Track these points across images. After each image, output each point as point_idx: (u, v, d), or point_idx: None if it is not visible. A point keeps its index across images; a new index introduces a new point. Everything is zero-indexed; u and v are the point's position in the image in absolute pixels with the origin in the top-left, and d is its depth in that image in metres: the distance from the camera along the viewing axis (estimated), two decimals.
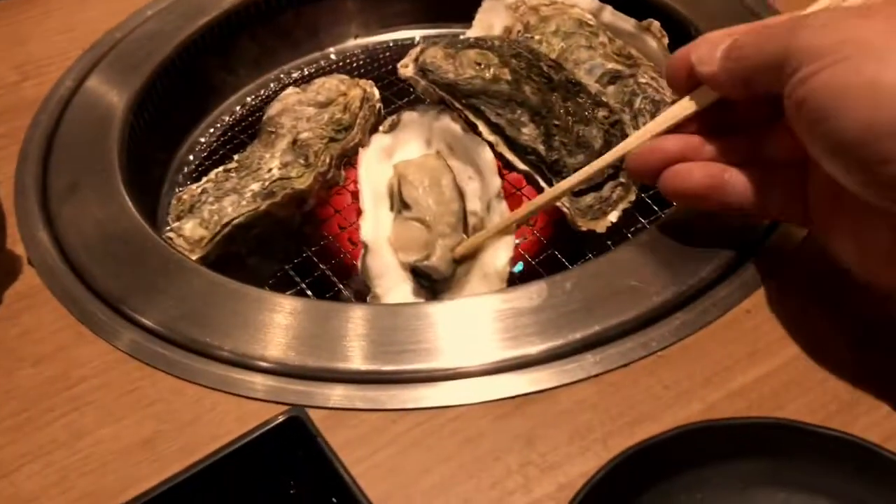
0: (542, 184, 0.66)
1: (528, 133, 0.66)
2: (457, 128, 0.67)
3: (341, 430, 0.50)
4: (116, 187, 0.67)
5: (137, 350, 0.56)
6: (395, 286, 0.62)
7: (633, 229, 0.68)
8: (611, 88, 0.73)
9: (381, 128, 0.69)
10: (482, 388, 0.53)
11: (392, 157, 0.68)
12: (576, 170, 0.62)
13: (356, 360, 0.54)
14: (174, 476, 0.44)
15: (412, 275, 0.62)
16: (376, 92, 0.74)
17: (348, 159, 0.70)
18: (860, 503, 0.44)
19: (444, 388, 0.53)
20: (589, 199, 0.66)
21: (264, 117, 0.72)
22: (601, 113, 0.68)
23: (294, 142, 0.69)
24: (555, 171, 0.66)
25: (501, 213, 0.64)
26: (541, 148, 0.66)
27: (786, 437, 0.46)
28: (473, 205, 0.65)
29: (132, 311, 0.58)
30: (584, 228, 0.64)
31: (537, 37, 0.75)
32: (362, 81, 0.74)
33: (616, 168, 0.65)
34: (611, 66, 0.73)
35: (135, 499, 0.43)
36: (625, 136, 0.67)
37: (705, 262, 0.57)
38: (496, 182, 0.65)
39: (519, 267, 0.68)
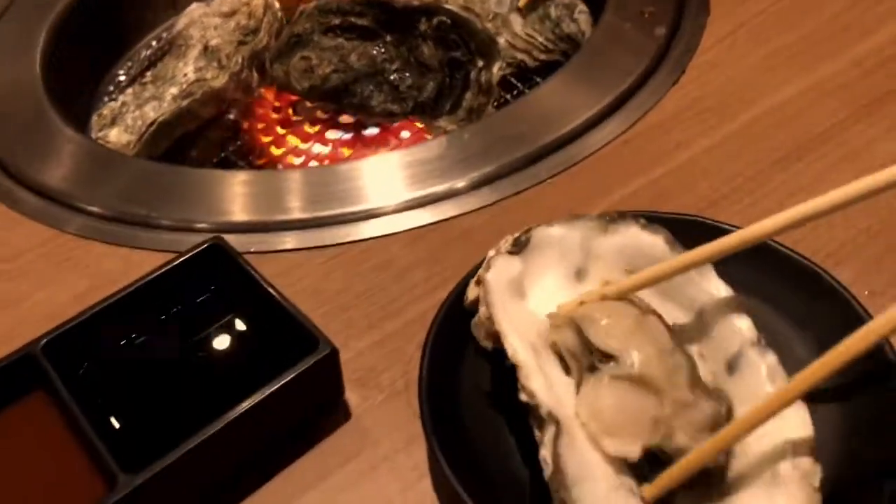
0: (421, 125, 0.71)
1: (378, 99, 0.71)
2: (658, 244, 0.44)
3: (267, 266, 0.54)
4: (43, 107, 0.71)
5: (73, 227, 0.60)
6: (607, 496, 0.37)
7: (515, 92, 0.74)
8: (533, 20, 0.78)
9: (502, 245, 0.46)
10: (393, 223, 0.58)
11: (525, 295, 0.45)
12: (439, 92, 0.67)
13: (286, 212, 0.59)
14: (99, 302, 0.48)
15: (642, 470, 0.39)
16: (276, 2, 0.78)
17: (260, 62, 0.75)
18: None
19: (360, 227, 0.58)
20: None
21: (173, 33, 0.77)
22: (423, 27, 0.72)
23: (205, 48, 0.73)
24: (426, 110, 0.71)
25: (757, 376, 0.41)
26: (394, 107, 0.71)
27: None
28: (700, 372, 0.41)
29: (65, 196, 0.62)
30: None
31: None
32: None
33: None
34: None
35: (77, 315, 0.47)
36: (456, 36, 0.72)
37: (587, 108, 0.64)
38: (742, 330, 0.42)
39: None
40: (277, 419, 0.45)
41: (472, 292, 0.45)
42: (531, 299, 0.45)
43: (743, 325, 0.42)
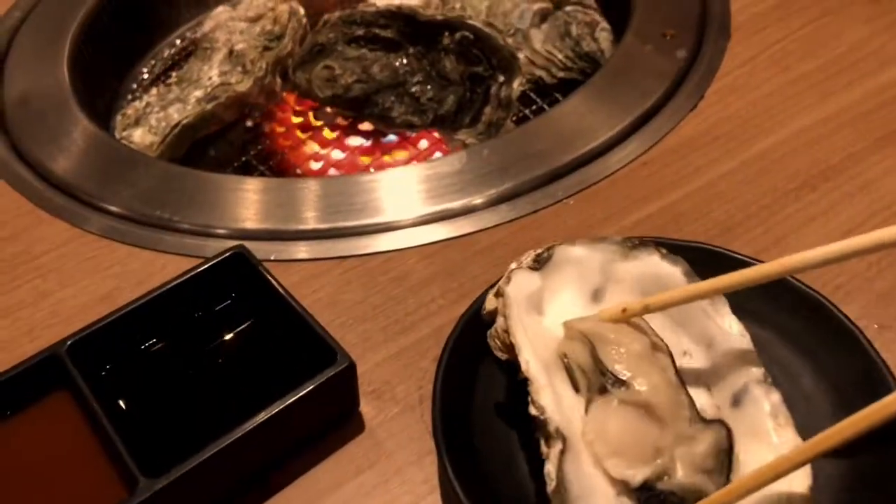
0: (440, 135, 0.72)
1: (398, 111, 0.72)
2: (676, 275, 0.45)
3: (285, 275, 0.55)
4: (69, 106, 0.72)
5: (96, 227, 0.61)
6: None
7: (534, 107, 0.75)
8: (544, 26, 0.79)
9: (524, 260, 0.47)
10: (411, 236, 0.59)
11: (543, 312, 0.46)
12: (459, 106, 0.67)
13: (304, 222, 0.60)
14: (125, 306, 0.49)
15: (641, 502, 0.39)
16: (301, 9, 0.79)
17: (283, 68, 0.76)
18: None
19: (378, 239, 0.59)
20: None
21: (198, 35, 0.78)
22: (446, 41, 0.73)
23: (230, 53, 0.75)
24: (446, 122, 0.72)
25: (760, 412, 0.41)
26: (415, 119, 0.72)
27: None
28: (704, 402, 0.43)
29: (89, 196, 0.63)
30: None
31: (458, 4, 0.80)
32: None
33: None
34: (537, 6, 0.79)
35: (102, 318, 0.48)
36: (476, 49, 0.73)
37: (607, 129, 0.65)
38: (750, 364, 0.43)
39: None
40: (294, 429, 0.46)
41: (490, 303, 0.46)
42: (548, 316, 0.46)
43: (751, 362, 0.42)
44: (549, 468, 0.38)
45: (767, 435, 0.40)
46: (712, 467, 0.39)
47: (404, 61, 0.72)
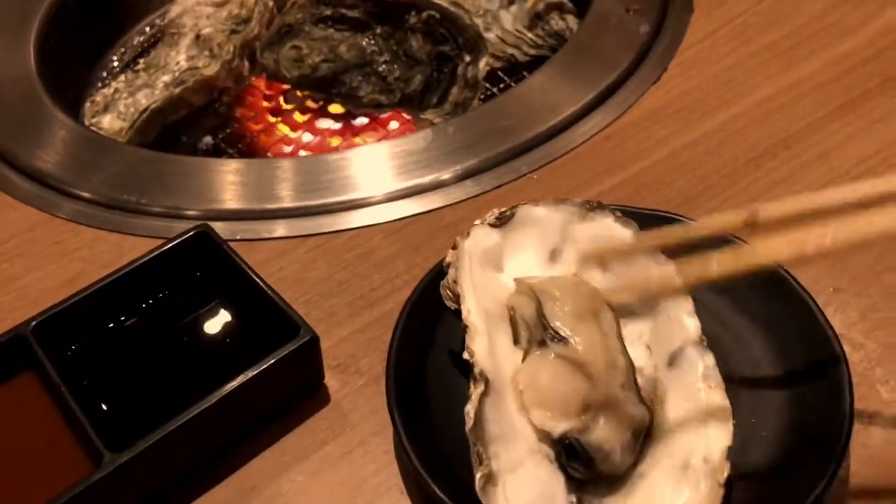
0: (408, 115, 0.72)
1: (366, 90, 0.72)
2: (627, 237, 0.46)
3: (252, 254, 0.56)
4: (37, 95, 0.72)
5: (64, 212, 0.61)
6: (522, 464, 0.40)
7: (502, 85, 0.75)
8: (513, 8, 0.80)
9: (487, 217, 0.48)
10: (377, 213, 0.59)
11: (502, 268, 0.47)
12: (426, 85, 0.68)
13: (273, 201, 0.61)
14: (89, 286, 0.50)
15: (558, 453, 0.41)
16: None
17: (251, 51, 0.76)
18: None
19: (345, 216, 0.60)
20: None
21: (165, 21, 0.78)
22: (412, 20, 0.73)
23: (197, 37, 0.75)
24: (413, 102, 0.72)
25: (693, 374, 0.42)
26: (382, 98, 0.72)
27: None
28: (643, 362, 0.44)
29: (57, 182, 0.64)
30: None
31: None
32: None
33: None
34: None
35: (67, 299, 0.49)
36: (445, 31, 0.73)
37: (570, 103, 0.65)
38: (688, 328, 0.44)
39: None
40: (258, 402, 0.46)
41: (448, 257, 0.47)
42: (507, 272, 0.47)
43: (690, 324, 0.43)
44: (468, 408, 0.40)
45: (697, 395, 0.41)
46: (627, 440, 0.40)
47: (371, 41, 0.72)
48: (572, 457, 0.40)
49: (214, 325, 0.51)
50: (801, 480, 0.39)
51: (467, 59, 0.72)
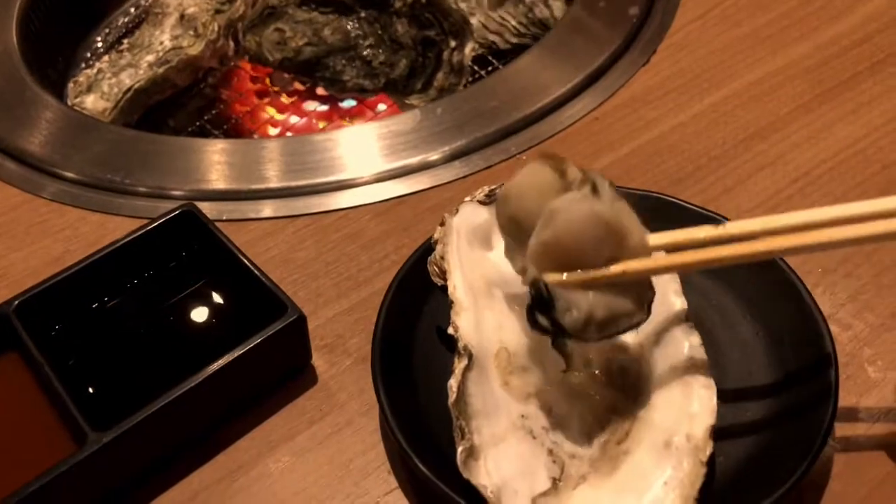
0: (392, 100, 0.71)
1: (350, 74, 0.71)
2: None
3: (239, 234, 0.55)
4: (20, 75, 0.71)
5: (47, 192, 0.61)
6: (504, 439, 0.40)
7: (490, 68, 0.75)
8: (507, 5, 0.79)
9: (477, 194, 0.48)
10: (365, 194, 0.59)
11: (491, 245, 0.47)
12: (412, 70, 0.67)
13: (260, 181, 0.60)
14: (73, 265, 0.49)
15: (529, 303, 0.39)
16: None
17: (236, 31, 0.76)
18: None
19: (333, 197, 0.59)
20: None
21: (149, 1, 0.77)
22: (398, 4, 0.73)
23: (182, 17, 0.74)
24: (398, 87, 0.72)
25: (679, 353, 0.42)
26: (366, 83, 0.71)
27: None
28: (629, 340, 0.44)
29: (40, 161, 0.63)
30: None
31: None
32: None
33: None
34: None
35: (50, 278, 0.48)
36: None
37: (559, 85, 0.65)
38: (674, 308, 0.44)
39: None
40: (245, 382, 0.46)
41: (437, 233, 0.47)
42: (497, 250, 0.46)
43: (676, 304, 0.44)
44: (451, 382, 0.40)
45: (682, 374, 0.41)
46: (601, 316, 0.38)
47: (356, 24, 0.71)
48: (538, 301, 0.38)
49: (201, 305, 0.50)
50: (786, 459, 0.39)
51: (453, 44, 0.71)
